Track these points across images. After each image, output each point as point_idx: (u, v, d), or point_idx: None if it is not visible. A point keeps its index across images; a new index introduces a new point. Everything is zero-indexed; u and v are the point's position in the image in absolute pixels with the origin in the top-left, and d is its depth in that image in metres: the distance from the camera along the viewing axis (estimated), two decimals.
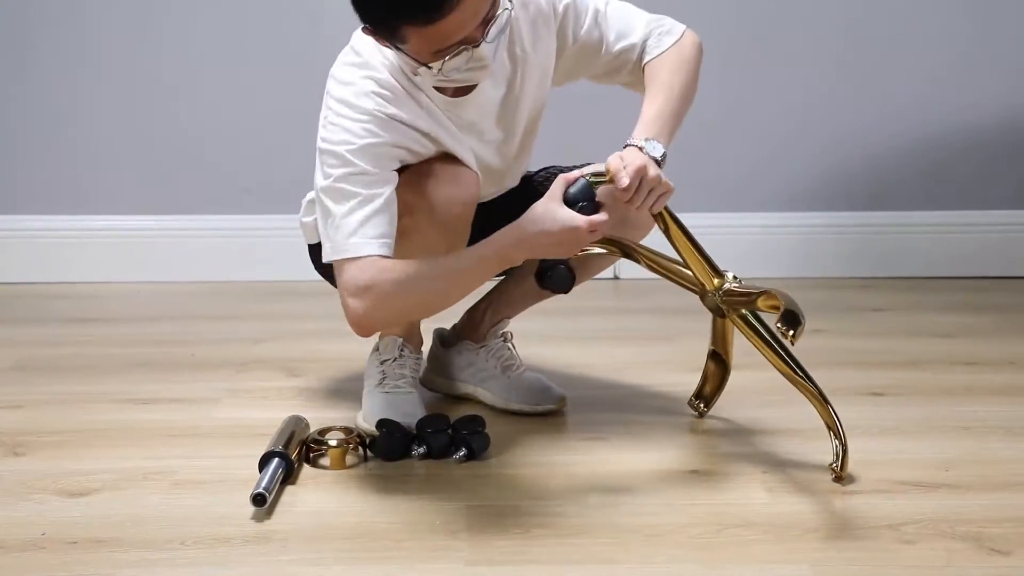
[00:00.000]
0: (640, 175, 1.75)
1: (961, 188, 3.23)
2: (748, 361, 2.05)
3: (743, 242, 3.19)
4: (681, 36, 1.95)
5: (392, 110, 1.82)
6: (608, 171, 1.78)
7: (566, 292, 1.86)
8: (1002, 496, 1.79)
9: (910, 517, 1.70)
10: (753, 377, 2.11)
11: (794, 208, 3.24)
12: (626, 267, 3.21)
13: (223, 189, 3.20)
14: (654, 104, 1.87)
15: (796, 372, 1.87)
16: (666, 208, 1.89)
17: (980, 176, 3.23)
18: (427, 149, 1.88)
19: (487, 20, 1.69)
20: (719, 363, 2.07)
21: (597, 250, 1.96)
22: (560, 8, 1.92)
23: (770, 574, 1.55)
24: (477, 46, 1.70)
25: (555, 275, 1.83)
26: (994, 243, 3.24)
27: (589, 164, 1.91)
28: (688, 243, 1.92)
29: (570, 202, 1.76)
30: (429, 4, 1.62)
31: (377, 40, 1.75)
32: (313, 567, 1.58)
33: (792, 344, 1.73)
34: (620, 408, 2.17)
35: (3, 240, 3.20)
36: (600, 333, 2.72)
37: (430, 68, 1.72)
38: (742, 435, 2.05)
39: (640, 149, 1.79)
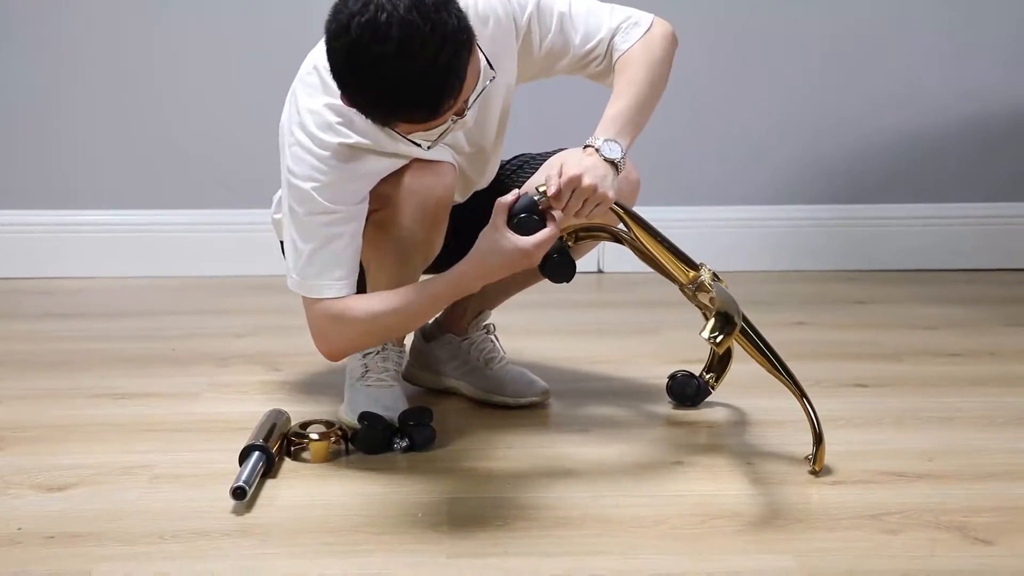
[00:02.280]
0: (573, 185, 1.73)
1: (944, 181, 3.23)
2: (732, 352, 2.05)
3: (727, 236, 3.18)
4: (649, 27, 1.91)
5: (354, 138, 1.80)
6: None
7: (568, 281, 1.84)
8: (985, 486, 1.79)
9: (894, 507, 1.70)
10: (737, 369, 2.10)
11: (778, 201, 3.23)
12: (610, 260, 3.20)
13: (204, 184, 3.18)
14: (617, 102, 1.84)
15: (775, 366, 1.86)
16: (625, 209, 1.86)
17: (963, 169, 3.23)
18: (396, 163, 1.87)
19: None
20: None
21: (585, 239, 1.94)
22: (523, 20, 1.89)
23: (754, 565, 1.55)
24: (463, 115, 1.70)
25: (555, 264, 1.81)
26: (977, 236, 3.24)
27: (561, 149, 1.88)
28: (655, 241, 1.88)
29: (513, 216, 1.75)
30: (427, 107, 1.60)
31: None
32: (294, 560, 1.57)
33: (718, 350, 1.73)
34: (604, 400, 2.17)
35: None
36: (584, 326, 2.72)
37: (418, 144, 1.75)
38: (726, 426, 2.05)
39: (597, 151, 1.77)
